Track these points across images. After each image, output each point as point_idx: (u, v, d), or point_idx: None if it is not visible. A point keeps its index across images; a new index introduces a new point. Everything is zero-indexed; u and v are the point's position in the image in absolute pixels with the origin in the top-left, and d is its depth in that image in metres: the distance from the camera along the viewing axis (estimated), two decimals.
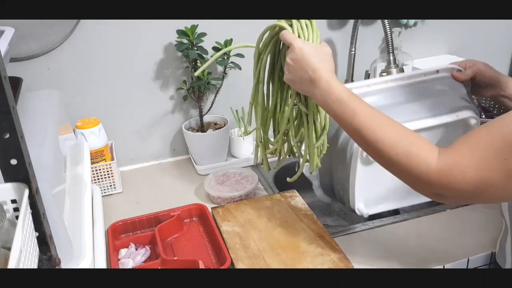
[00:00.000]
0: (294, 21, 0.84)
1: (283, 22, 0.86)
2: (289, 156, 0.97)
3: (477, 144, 0.63)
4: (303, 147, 0.92)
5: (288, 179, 0.98)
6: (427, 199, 1.01)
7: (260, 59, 0.91)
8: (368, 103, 0.76)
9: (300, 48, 0.79)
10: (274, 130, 0.95)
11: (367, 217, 1.01)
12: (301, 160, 0.93)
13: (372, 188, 0.98)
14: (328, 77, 0.77)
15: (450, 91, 0.98)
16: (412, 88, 0.98)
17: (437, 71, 0.99)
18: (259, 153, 0.99)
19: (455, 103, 0.96)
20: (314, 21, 0.85)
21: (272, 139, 0.97)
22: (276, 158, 0.99)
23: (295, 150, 0.95)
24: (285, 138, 0.95)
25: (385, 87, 0.96)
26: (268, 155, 0.99)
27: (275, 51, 0.90)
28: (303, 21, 0.84)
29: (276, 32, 0.87)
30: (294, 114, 0.90)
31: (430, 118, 0.94)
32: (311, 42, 0.82)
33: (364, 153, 0.92)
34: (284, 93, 0.92)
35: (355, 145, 0.93)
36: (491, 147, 0.62)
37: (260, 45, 0.91)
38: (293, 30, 0.83)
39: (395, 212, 1.20)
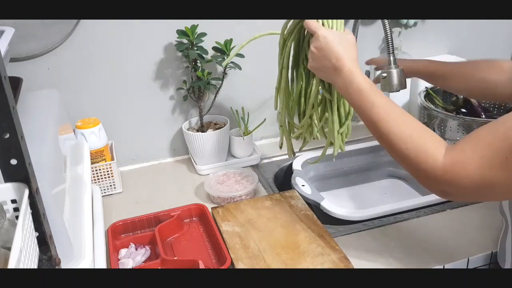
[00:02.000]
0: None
1: None
2: (314, 138, 1.00)
3: (479, 142, 0.64)
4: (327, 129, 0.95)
5: (308, 161, 0.99)
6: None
7: (284, 45, 0.93)
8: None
9: (324, 37, 0.81)
10: (299, 115, 0.98)
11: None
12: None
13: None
14: (351, 66, 0.79)
15: None
16: None
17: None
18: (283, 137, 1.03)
19: None
20: None
21: (297, 123, 1.00)
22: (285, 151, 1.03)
23: (319, 135, 0.98)
24: (310, 122, 0.97)
25: None
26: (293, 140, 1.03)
27: (300, 38, 0.92)
28: None
29: (300, 20, 0.89)
30: (319, 99, 0.92)
31: None
32: (335, 30, 0.83)
33: None
34: (309, 79, 0.94)
35: None
36: (492, 146, 0.62)
37: (285, 33, 0.93)
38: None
39: (395, 212, 1.20)
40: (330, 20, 0.84)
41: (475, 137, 0.66)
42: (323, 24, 0.84)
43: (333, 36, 0.81)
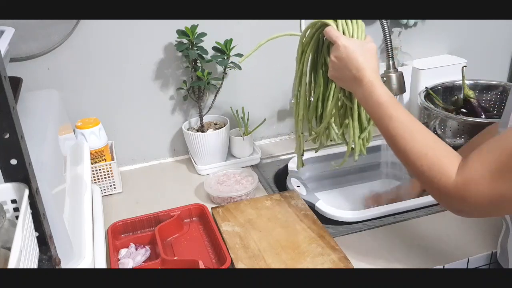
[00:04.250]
0: None
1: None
2: (330, 141, 1.00)
3: (489, 157, 0.64)
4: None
5: (333, 164, 1.04)
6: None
7: (304, 52, 0.93)
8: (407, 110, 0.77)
9: (344, 46, 0.80)
10: (315, 118, 0.98)
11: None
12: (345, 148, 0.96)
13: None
14: (371, 77, 0.78)
15: None
16: None
17: None
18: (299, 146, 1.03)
19: None
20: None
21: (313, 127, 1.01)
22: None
23: (339, 140, 0.97)
24: (327, 126, 0.97)
25: None
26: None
27: (318, 43, 0.91)
28: None
29: (319, 26, 0.88)
30: (339, 105, 0.92)
31: None
32: (356, 39, 0.82)
33: None
34: (327, 84, 0.94)
35: None
36: (500, 160, 0.62)
37: (303, 41, 0.93)
38: (337, 26, 0.83)
39: (392, 213, 1.20)
40: (351, 28, 0.83)
41: (485, 152, 0.65)
42: (343, 32, 0.83)
43: (354, 46, 0.80)
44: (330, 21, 0.85)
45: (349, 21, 0.84)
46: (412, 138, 0.72)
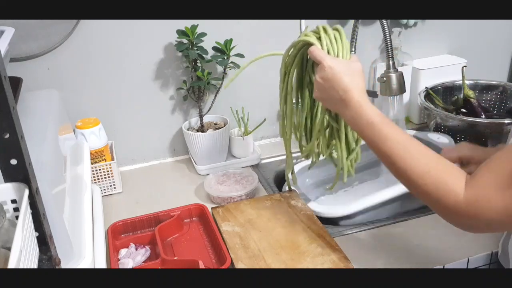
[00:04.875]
0: (322, 34, 0.82)
1: (311, 36, 0.83)
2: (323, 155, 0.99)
3: (499, 172, 0.63)
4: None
5: (327, 188, 1.00)
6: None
7: (286, 72, 0.91)
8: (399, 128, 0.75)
9: (330, 67, 0.77)
10: (305, 135, 0.97)
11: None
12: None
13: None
14: (359, 98, 0.76)
15: None
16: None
17: None
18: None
19: None
20: (342, 31, 0.83)
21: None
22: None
23: (327, 159, 0.96)
24: (317, 144, 0.96)
25: None
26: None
27: (302, 62, 0.89)
28: (331, 32, 0.82)
29: (302, 45, 0.86)
30: (325, 125, 0.90)
31: None
32: (341, 59, 0.80)
33: None
34: (316, 102, 0.92)
35: None
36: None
37: (286, 60, 0.90)
38: (321, 45, 0.81)
39: (394, 212, 1.19)
40: (335, 47, 0.81)
41: (495, 167, 0.64)
42: (328, 52, 0.81)
43: (340, 66, 0.78)
44: (314, 40, 0.82)
45: (333, 40, 0.81)
46: (412, 157, 0.70)
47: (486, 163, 0.65)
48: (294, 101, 0.95)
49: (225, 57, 1.21)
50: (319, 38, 0.82)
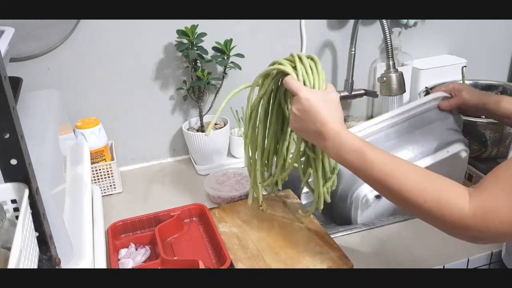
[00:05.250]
0: (298, 63, 0.80)
1: (286, 64, 0.82)
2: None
3: (509, 183, 0.61)
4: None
5: (302, 214, 1.00)
6: None
7: (260, 99, 0.89)
8: (383, 149, 0.73)
9: (307, 99, 0.76)
10: (267, 165, 0.96)
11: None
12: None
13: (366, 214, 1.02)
14: (338, 129, 0.75)
15: (438, 124, 1.02)
16: (400, 127, 1.01)
17: (427, 92, 1.03)
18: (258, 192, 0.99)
19: (444, 138, 0.97)
20: (317, 60, 0.82)
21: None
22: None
23: (306, 188, 0.95)
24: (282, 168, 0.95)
25: (375, 129, 1.00)
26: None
27: (272, 90, 0.87)
28: (306, 61, 0.81)
29: (276, 73, 0.85)
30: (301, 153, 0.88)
31: (422, 159, 0.96)
32: (318, 90, 0.79)
33: None
34: (284, 129, 0.91)
35: None
36: None
37: (260, 89, 0.88)
38: (297, 75, 0.80)
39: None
40: (311, 77, 0.79)
41: (502, 177, 0.62)
42: (304, 83, 0.79)
43: (317, 98, 0.76)
44: (290, 70, 0.80)
45: (309, 70, 0.80)
46: (404, 176, 0.68)
47: (493, 175, 0.64)
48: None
49: (225, 57, 1.21)
50: (294, 67, 0.81)
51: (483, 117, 1.29)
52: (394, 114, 1.04)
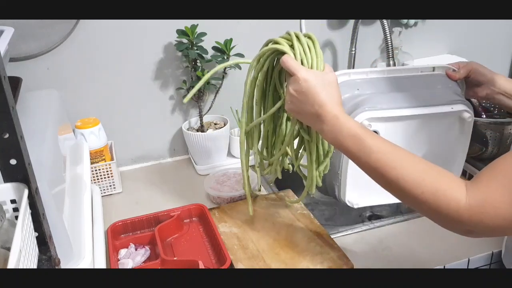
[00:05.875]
0: (295, 42, 0.77)
1: (283, 43, 0.79)
2: (285, 170, 0.97)
3: (506, 176, 0.60)
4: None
5: (287, 201, 0.97)
6: None
7: (256, 79, 0.87)
8: (382, 137, 0.71)
9: (305, 80, 0.73)
10: (266, 148, 0.94)
11: (356, 208, 1.00)
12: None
13: (364, 179, 0.99)
14: (336, 112, 0.72)
15: (445, 87, 0.99)
16: (408, 80, 0.98)
17: (433, 69, 1.00)
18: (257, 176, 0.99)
19: (449, 97, 0.96)
20: (315, 39, 0.79)
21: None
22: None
23: (297, 171, 0.93)
24: (281, 158, 0.94)
25: (381, 76, 0.96)
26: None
27: (268, 70, 0.85)
28: (304, 41, 0.77)
29: (272, 52, 0.82)
30: (294, 134, 0.87)
31: (425, 107, 0.93)
32: (316, 71, 0.76)
33: None
34: (280, 113, 0.90)
35: None
36: None
37: (256, 66, 0.86)
38: (295, 55, 0.77)
39: (395, 212, 1.20)
40: (309, 57, 0.77)
41: (500, 171, 0.62)
42: (302, 62, 0.76)
43: (315, 79, 0.74)
44: (287, 49, 0.77)
45: (307, 49, 0.77)
46: (402, 166, 0.66)
47: (489, 168, 0.63)
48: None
49: (225, 57, 1.20)
50: (291, 46, 0.78)
51: (484, 116, 1.29)
52: (403, 68, 1.01)
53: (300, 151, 0.90)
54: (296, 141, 0.89)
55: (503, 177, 0.61)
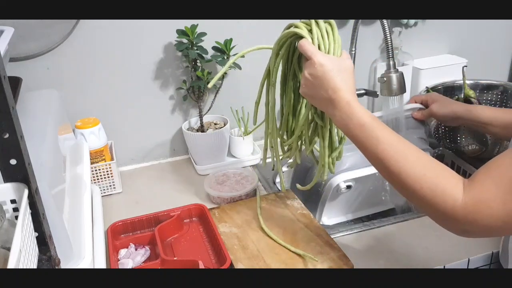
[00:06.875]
0: (314, 26, 0.78)
1: (301, 27, 0.79)
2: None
3: (500, 176, 0.61)
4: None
5: (298, 187, 0.97)
6: (389, 207, 1.05)
7: (275, 62, 0.87)
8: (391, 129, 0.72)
9: (321, 64, 0.74)
10: (287, 132, 0.94)
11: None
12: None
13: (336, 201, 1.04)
14: (349, 99, 0.73)
15: (411, 131, 1.07)
16: None
17: (399, 112, 1.09)
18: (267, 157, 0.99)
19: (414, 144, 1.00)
20: (334, 25, 0.79)
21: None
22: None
23: (310, 156, 0.93)
24: (299, 143, 0.93)
25: None
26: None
27: (288, 54, 0.85)
28: (323, 25, 0.78)
29: (291, 35, 0.82)
30: (309, 120, 0.87)
31: None
32: (332, 56, 0.76)
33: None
34: (300, 98, 0.89)
35: None
36: None
37: (276, 49, 0.87)
38: (312, 39, 0.77)
39: (395, 212, 1.19)
40: (327, 42, 0.77)
41: (494, 170, 0.62)
42: (319, 47, 0.76)
43: (331, 64, 0.74)
44: (305, 33, 0.78)
45: (325, 34, 0.77)
46: (406, 160, 0.67)
47: (486, 167, 0.64)
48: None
49: (225, 57, 1.20)
50: (310, 31, 0.79)
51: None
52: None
53: (314, 137, 0.90)
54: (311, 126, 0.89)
55: (497, 176, 0.61)
